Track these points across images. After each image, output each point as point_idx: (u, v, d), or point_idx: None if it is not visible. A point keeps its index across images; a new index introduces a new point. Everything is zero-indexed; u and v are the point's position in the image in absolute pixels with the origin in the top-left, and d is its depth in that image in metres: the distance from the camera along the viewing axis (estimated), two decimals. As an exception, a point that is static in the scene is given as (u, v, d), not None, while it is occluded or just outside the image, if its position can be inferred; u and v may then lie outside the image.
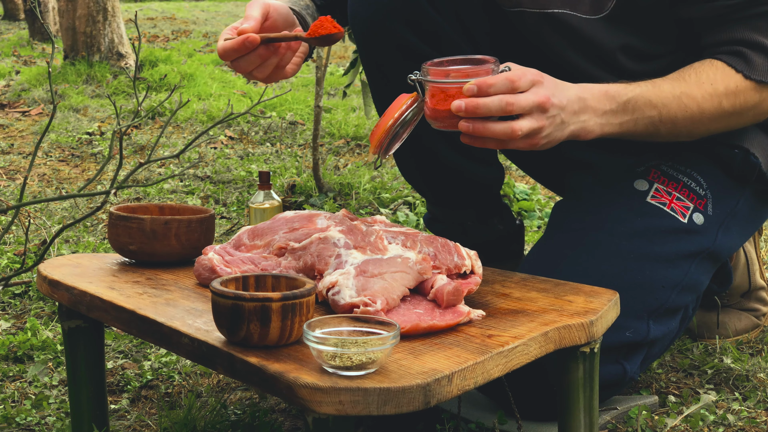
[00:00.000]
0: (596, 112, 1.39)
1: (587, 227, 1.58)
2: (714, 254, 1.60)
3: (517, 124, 1.30)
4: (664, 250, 1.54)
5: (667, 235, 1.55)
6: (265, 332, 1.08)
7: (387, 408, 1.00)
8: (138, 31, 2.08)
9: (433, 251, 1.30)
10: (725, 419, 1.56)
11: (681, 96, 1.45)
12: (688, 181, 1.61)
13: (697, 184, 1.61)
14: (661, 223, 1.56)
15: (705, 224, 1.58)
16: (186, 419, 1.53)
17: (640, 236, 1.55)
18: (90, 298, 1.33)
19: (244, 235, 1.41)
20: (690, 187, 1.60)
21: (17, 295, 2.25)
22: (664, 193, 1.59)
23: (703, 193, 1.60)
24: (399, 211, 2.98)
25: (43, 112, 5.00)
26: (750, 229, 1.69)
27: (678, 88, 1.46)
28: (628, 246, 1.54)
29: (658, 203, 1.58)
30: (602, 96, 1.40)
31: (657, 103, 1.44)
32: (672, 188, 1.59)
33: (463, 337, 1.16)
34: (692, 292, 1.58)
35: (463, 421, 1.54)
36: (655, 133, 1.48)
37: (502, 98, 1.28)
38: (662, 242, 1.55)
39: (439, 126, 1.35)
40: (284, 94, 4.30)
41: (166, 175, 3.52)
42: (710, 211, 1.60)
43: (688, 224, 1.57)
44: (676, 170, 1.62)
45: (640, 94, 1.43)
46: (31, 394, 1.72)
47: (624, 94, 1.42)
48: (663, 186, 1.60)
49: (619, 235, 1.55)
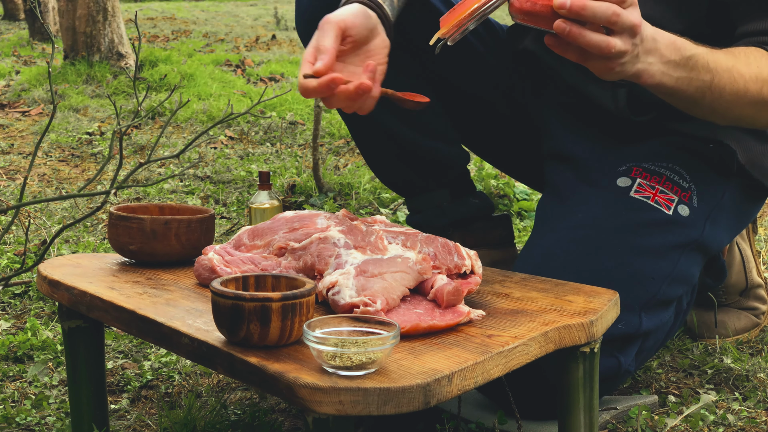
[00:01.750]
0: (662, 57, 1.35)
1: (574, 225, 1.58)
2: (702, 246, 1.61)
3: (612, 41, 1.24)
4: (652, 243, 1.55)
5: (653, 227, 1.56)
6: (265, 332, 1.08)
7: (387, 408, 1.00)
8: (138, 31, 2.08)
9: (433, 251, 1.30)
10: (725, 419, 1.56)
11: (732, 69, 1.42)
12: (671, 175, 1.62)
13: (680, 177, 1.62)
14: (647, 216, 1.57)
15: (691, 216, 1.59)
16: (186, 419, 1.53)
17: (627, 230, 1.55)
18: (90, 298, 1.33)
19: (244, 235, 1.41)
20: (673, 180, 1.61)
21: (17, 295, 2.25)
22: (647, 187, 1.60)
23: (687, 185, 1.61)
24: (399, 211, 2.98)
25: (43, 112, 5.00)
26: (739, 223, 1.71)
27: (730, 61, 1.43)
28: (616, 240, 1.54)
29: (641, 197, 1.59)
30: (670, 44, 1.36)
31: (713, 68, 1.40)
32: (655, 182, 1.60)
33: (463, 337, 1.16)
34: (683, 283, 1.58)
35: (463, 421, 1.54)
36: (700, 99, 1.43)
37: (610, 6, 1.22)
38: (649, 235, 1.55)
39: (525, 21, 1.26)
40: (284, 94, 4.30)
41: (166, 175, 3.52)
42: (695, 203, 1.60)
43: (673, 216, 1.58)
44: (657, 166, 1.63)
45: (701, 54, 1.39)
46: (31, 394, 1.72)
47: (688, 49, 1.38)
48: (645, 181, 1.61)
49: (606, 230, 1.56)
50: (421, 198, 1.95)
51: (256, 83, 6.11)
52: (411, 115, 1.81)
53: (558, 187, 1.70)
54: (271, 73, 6.43)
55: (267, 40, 9.07)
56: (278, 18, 10.67)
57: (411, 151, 1.86)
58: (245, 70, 6.58)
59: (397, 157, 1.88)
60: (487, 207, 1.99)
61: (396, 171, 1.93)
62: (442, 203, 1.94)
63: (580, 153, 1.70)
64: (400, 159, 1.88)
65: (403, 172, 1.92)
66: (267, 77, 6.27)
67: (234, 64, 6.85)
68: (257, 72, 6.48)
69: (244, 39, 9.09)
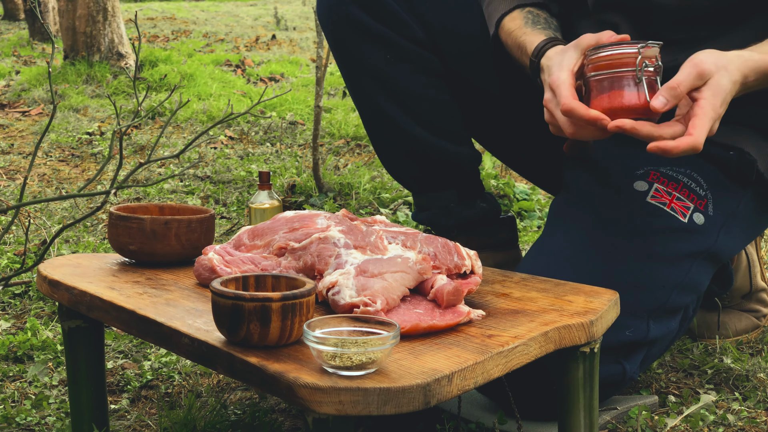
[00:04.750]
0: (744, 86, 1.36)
1: (587, 227, 1.58)
2: (715, 255, 1.60)
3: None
4: (665, 250, 1.54)
5: (667, 234, 1.55)
6: (265, 332, 1.08)
7: (387, 408, 1.00)
8: (138, 31, 2.07)
9: (433, 251, 1.30)
10: (725, 419, 1.56)
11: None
12: (688, 182, 1.60)
13: (697, 184, 1.60)
14: (662, 223, 1.56)
15: (705, 224, 1.58)
16: (186, 419, 1.53)
17: (640, 236, 1.54)
18: (90, 298, 1.33)
19: (244, 235, 1.41)
20: (690, 187, 1.60)
21: (17, 295, 2.25)
22: (664, 193, 1.59)
23: (704, 193, 1.60)
24: (399, 211, 2.98)
25: (43, 112, 5.00)
26: (752, 232, 1.69)
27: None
28: (628, 246, 1.53)
29: (658, 203, 1.57)
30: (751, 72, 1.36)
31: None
32: (672, 188, 1.59)
33: (463, 337, 1.16)
34: (692, 292, 1.57)
35: (463, 422, 1.54)
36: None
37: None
38: (662, 242, 1.54)
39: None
40: (284, 94, 4.30)
41: (166, 175, 3.52)
42: (711, 211, 1.59)
43: (688, 224, 1.57)
44: (675, 171, 1.61)
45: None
46: (31, 394, 1.72)
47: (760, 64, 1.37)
48: (663, 186, 1.59)
49: (619, 234, 1.55)
50: (429, 196, 1.95)
51: (256, 83, 6.11)
52: (423, 114, 1.82)
53: (574, 187, 1.69)
54: (271, 73, 6.44)
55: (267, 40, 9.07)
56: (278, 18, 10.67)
57: (421, 150, 1.86)
58: (245, 70, 6.59)
59: (407, 154, 1.88)
60: (494, 211, 1.97)
61: (405, 167, 1.93)
62: (449, 204, 1.93)
63: (599, 154, 1.69)
64: (410, 156, 1.88)
65: (412, 169, 1.92)
66: (267, 77, 6.27)
67: (234, 64, 6.85)
68: (257, 72, 6.48)
69: (244, 39, 9.09)
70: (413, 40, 1.79)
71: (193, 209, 1.53)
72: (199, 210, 1.52)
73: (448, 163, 1.89)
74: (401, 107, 1.82)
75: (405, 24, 1.78)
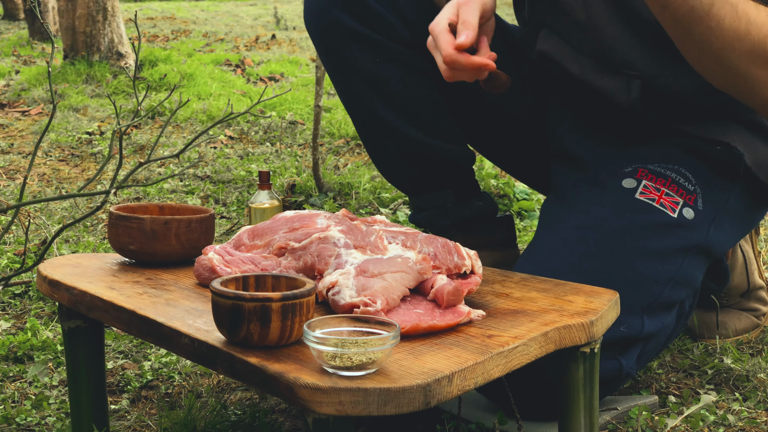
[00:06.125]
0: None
1: (578, 226, 1.58)
2: (706, 249, 1.60)
3: None
4: (656, 245, 1.55)
5: (657, 230, 1.56)
6: (265, 332, 1.08)
7: (387, 408, 1.00)
8: (138, 31, 2.07)
9: (433, 251, 1.30)
10: (725, 419, 1.56)
11: (738, 4, 1.32)
12: (677, 177, 1.61)
13: (685, 179, 1.61)
14: (651, 219, 1.56)
15: (696, 219, 1.59)
16: (186, 419, 1.53)
17: (631, 232, 1.55)
18: (90, 298, 1.33)
19: (244, 235, 1.41)
20: (678, 182, 1.61)
21: (17, 295, 2.25)
22: (653, 189, 1.60)
23: (692, 188, 1.61)
24: (399, 211, 2.98)
25: (42, 111, 5.00)
26: (744, 227, 1.70)
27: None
28: (620, 242, 1.54)
29: (646, 199, 1.58)
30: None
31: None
32: (660, 184, 1.60)
33: (463, 337, 1.16)
34: (686, 287, 1.58)
35: (464, 422, 1.54)
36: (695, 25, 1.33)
37: None
38: (653, 237, 1.55)
39: None
40: (284, 94, 4.30)
41: (166, 175, 3.52)
42: (700, 206, 1.60)
43: (678, 219, 1.57)
44: (663, 167, 1.62)
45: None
46: (31, 394, 1.72)
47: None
48: (651, 183, 1.60)
49: (610, 232, 1.55)
50: (425, 197, 1.95)
51: (255, 83, 6.11)
52: (417, 115, 1.82)
53: (563, 187, 1.70)
54: (270, 73, 6.43)
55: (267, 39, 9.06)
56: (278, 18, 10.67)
57: (416, 151, 1.86)
58: (245, 69, 6.58)
59: (402, 156, 1.88)
60: (490, 209, 1.98)
61: (401, 170, 1.93)
62: (445, 204, 1.94)
63: (586, 154, 1.70)
64: (405, 158, 1.88)
65: (408, 171, 1.92)
66: (267, 77, 6.27)
67: (234, 63, 6.85)
68: (257, 72, 6.47)
69: (243, 39, 9.08)
70: (401, 42, 1.80)
71: (193, 209, 1.53)
72: (199, 210, 1.52)
73: (444, 163, 1.89)
74: (394, 109, 1.82)
75: (391, 26, 1.79)
